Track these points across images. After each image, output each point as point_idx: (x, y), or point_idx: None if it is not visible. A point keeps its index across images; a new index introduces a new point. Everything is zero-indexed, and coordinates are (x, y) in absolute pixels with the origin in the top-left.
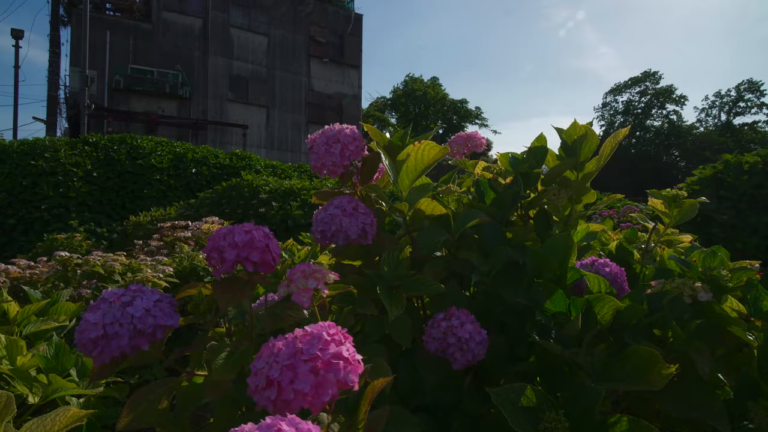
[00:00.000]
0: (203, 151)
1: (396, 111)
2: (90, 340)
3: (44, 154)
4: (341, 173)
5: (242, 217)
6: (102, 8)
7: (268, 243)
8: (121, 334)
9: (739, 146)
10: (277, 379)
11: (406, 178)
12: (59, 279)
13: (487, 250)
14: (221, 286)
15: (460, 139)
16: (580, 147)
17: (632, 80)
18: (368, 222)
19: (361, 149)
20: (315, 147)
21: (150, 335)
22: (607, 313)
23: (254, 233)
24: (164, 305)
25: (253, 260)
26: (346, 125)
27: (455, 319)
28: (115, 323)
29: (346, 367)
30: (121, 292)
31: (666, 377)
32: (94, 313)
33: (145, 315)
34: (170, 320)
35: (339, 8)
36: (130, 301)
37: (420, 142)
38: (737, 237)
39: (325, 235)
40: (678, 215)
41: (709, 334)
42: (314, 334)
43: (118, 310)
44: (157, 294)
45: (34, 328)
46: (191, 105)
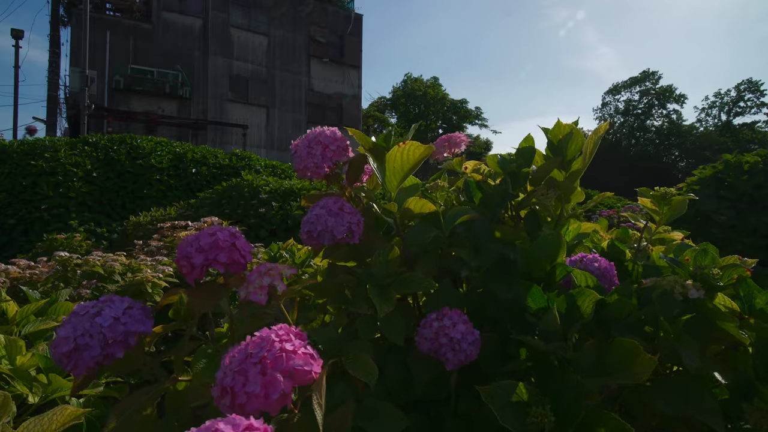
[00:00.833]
0: (203, 151)
1: (396, 111)
2: (63, 355)
3: (44, 154)
4: (325, 175)
5: (242, 217)
6: (102, 8)
7: (234, 242)
8: (91, 345)
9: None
10: (230, 385)
11: (394, 178)
12: (59, 279)
13: (478, 246)
14: (195, 292)
15: (442, 141)
16: (566, 146)
17: (631, 80)
18: (354, 221)
19: (343, 149)
20: (298, 151)
21: (122, 343)
22: (588, 306)
23: (219, 234)
24: (135, 312)
25: (221, 261)
26: (328, 127)
27: (447, 320)
28: (85, 335)
29: (290, 356)
30: (92, 304)
31: (648, 368)
32: (64, 327)
33: (114, 323)
34: (142, 326)
35: (339, 8)
36: (99, 312)
37: (405, 143)
38: (737, 237)
39: (312, 236)
40: (668, 212)
41: (700, 331)
42: (263, 338)
43: (87, 321)
44: (127, 302)
45: (33, 327)
46: (191, 105)
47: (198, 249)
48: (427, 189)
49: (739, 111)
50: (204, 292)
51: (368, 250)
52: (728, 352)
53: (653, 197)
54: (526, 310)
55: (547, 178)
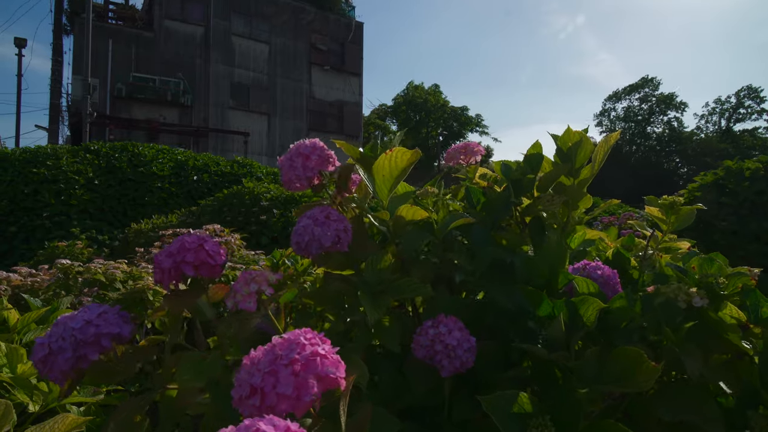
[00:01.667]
0: (204, 158)
1: (397, 118)
2: (39, 360)
3: (46, 162)
4: (309, 185)
5: (243, 225)
6: (105, 17)
7: (201, 243)
8: (64, 348)
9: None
10: (259, 385)
11: (384, 186)
12: (60, 287)
13: (474, 250)
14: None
15: (458, 149)
16: (575, 153)
17: (631, 87)
18: (341, 228)
19: (324, 159)
20: (282, 165)
21: (94, 344)
22: (591, 314)
23: (185, 238)
24: (110, 316)
25: (188, 261)
26: (309, 140)
27: (443, 327)
28: (59, 339)
29: (324, 361)
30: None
31: (652, 376)
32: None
33: (86, 326)
34: (116, 329)
35: (340, 16)
36: (73, 317)
37: (391, 150)
38: (740, 244)
39: (300, 246)
40: (675, 222)
41: (704, 340)
42: (292, 340)
43: (62, 327)
44: (104, 307)
45: (34, 335)
46: (193, 112)
47: (167, 254)
48: (418, 196)
49: (740, 117)
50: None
51: (363, 257)
52: (733, 362)
53: (661, 206)
54: (527, 318)
55: (555, 185)
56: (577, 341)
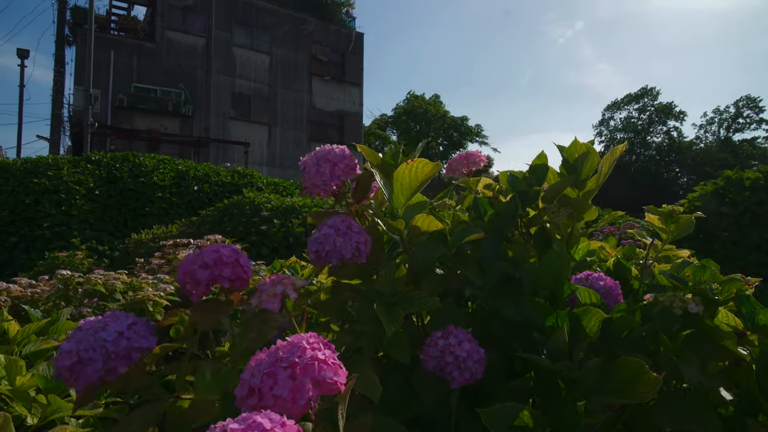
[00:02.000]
0: (205, 168)
1: (397, 128)
2: (65, 368)
3: (47, 172)
4: (334, 192)
5: (244, 235)
6: (107, 28)
7: (237, 258)
8: (95, 359)
9: (739, 162)
10: (258, 386)
11: (401, 195)
12: (60, 298)
13: (483, 264)
14: (198, 308)
15: (460, 158)
16: (582, 165)
17: (630, 96)
18: (362, 241)
19: (352, 168)
20: (306, 168)
21: (125, 358)
22: (594, 325)
23: (222, 251)
24: (139, 328)
25: (225, 276)
26: (336, 145)
27: (453, 338)
28: (89, 349)
29: (322, 366)
30: (97, 320)
31: (653, 387)
32: (68, 342)
33: (118, 338)
34: (146, 342)
35: (340, 27)
36: (104, 327)
37: (413, 160)
38: (740, 254)
39: (320, 255)
40: (675, 231)
41: (701, 347)
42: (294, 344)
43: (91, 335)
44: (132, 318)
45: (33, 347)
46: (194, 123)
47: (202, 265)
48: (435, 207)
49: (739, 127)
50: (206, 308)
51: (373, 267)
52: (732, 369)
53: (661, 215)
54: (532, 329)
55: (560, 196)
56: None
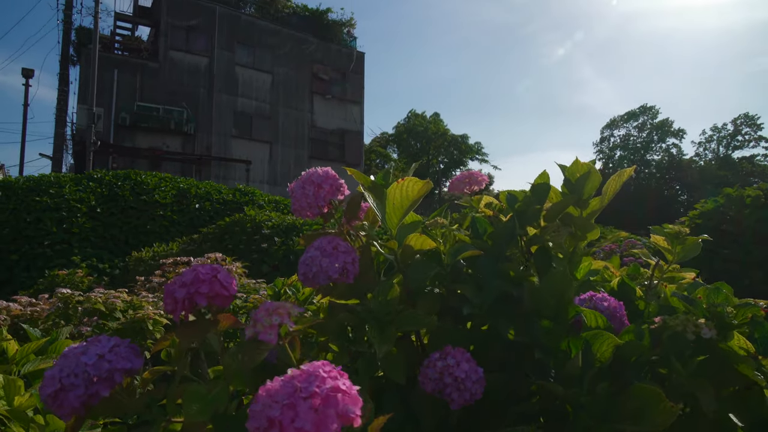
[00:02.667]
0: (206, 186)
1: (398, 146)
2: (49, 396)
3: (49, 190)
4: (321, 213)
5: (245, 253)
6: (111, 48)
7: (215, 275)
8: (76, 384)
9: (739, 179)
10: (278, 418)
11: (394, 215)
12: (60, 316)
13: (480, 283)
14: (181, 327)
15: (463, 178)
16: (583, 185)
17: (629, 114)
18: (349, 260)
19: (337, 188)
20: (293, 192)
21: (107, 380)
22: (606, 351)
23: (199, 269)
24: (121, 350)
25: (202, 292)
26: (321, 168)
27: (451, 359)
28: (71, 375)
29: (344, 399)
30: (80, 345)
31: (671, 417)
32: (52, 369)
33: (99, 361)
34: (128, 363)
35: (341, 47)
36: (85, 351)
37: (403, 179)
38: (743, 272)
39: (307, 277)
40: (681, 252)
41: (714, 372)
42: (310, 372)
43: (72, 361)
44: (114, 340)
45: (32, 367)
46: (195, 141)
47: (181, 284)
48: (428, 226)
49: (738, 145)
50: (190, 327)
51: (369, 287)
52: (742, 393)
53: (667, 236)
54: (535, 349)
55: (562, 215)
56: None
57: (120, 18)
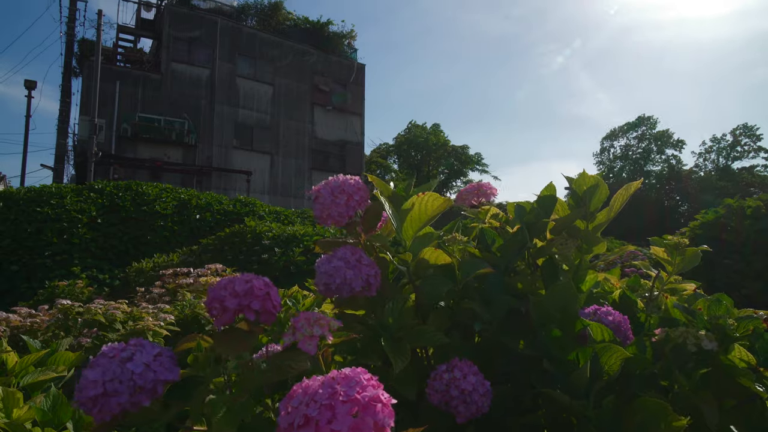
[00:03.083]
0: (207, 197)
1: (398, 157)
2: (89, 399)
3: (50, 201)
4: (346, 223)
5: (245, 264)
6: (113, 60)
7: (268, 291)
8: (120, 391)
9: (739, 190)
10: (315, 417)
11: (410, 228)
12: (60, 328)
13: (490, 298)
14: (222, 337)
15: (472, 189)
16: (590, 197)
17: (628, 125)
18: (372, 273)
19: (365, 199)
20: (320, 197)
21: (150, 391)
22: (615, 364)
23: (254, 282)
24: (164, 359)
25: (254, 308)
26: (350, 176)
27: (458, 371)
28: (115, 380)
29: (384, 410)
30: (121, 346)
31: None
32: (93, 370)
33: (146, 370)
34: (171, 375)
35: (342, 58)
36: (130, 357)
37: (424, 194)
38: (743, 282)
39: (329, 288)
40: (681, 263)
41: (716, 384)
42: (351, 377)
43: (117, 366)
44: (157, 348)
45: (31, 379)
46: (196, 152)
47: (233, 293)
48: (444, 242)
49: (737, 156)
50: (232, 338)
51: (380, 299)
52: (743, 406)
53: (666, 247)
54: (543, 362)
55: (569, 228)
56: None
57: (123, 30)
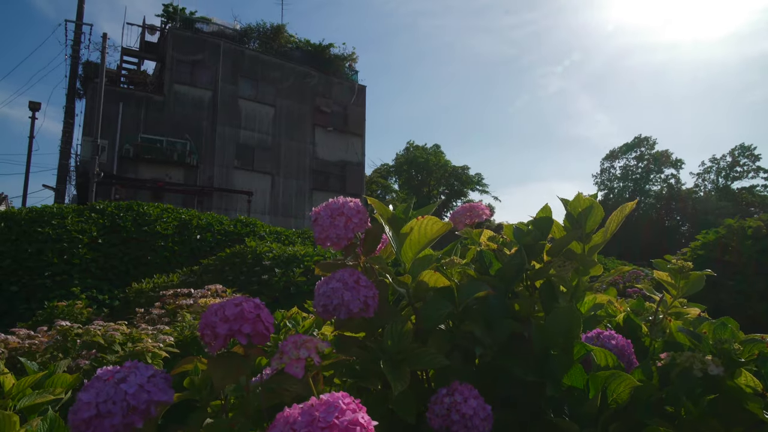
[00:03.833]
0: (208, 217)
1: (399, 177)
2: (83, 421)
3: (51, 221)
4: (345, 245)
5: (245, 284)
6: (117, 81)
7: (259, 313)
8: (114, 412)
9: (739, 210)
10: None
11: (410, 250)
12: (58, 349)
13: (491, 322)
14: (217, 363)
15: (464, 210)
16: (586, 219)
17: (627, 146)
18: (370, 295)
19: (365, 221)
20: (319, 219)
21: (144, 412)
22: (623, 392)
23: (244, 305)
24: (158, 380)
25: (245, 332)
26: (350, 198)
27: (458, 395)
28: (108, 401)
29: None
30: (116, 369)
31: None
32: (87, 392)
33: (139, 391)
34: (165, 396)
35: (343, 80)
36: (124, 378)
37: (423, 217)
38: (747, 303)
39: (327, 309)
40: (685, 287)
41: (724, 411)
42: (330, 403)
43: (111, 387)
44: (152, 369)
45: (28, 401)
46: (198, 172)
47: (223, 319)
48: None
49: (736, 176)
50: (227, 363)
51: (379, 322)
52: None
53: (670, 271)
54: (547, 388)
55: (565, 250)
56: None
57: (127, 53)
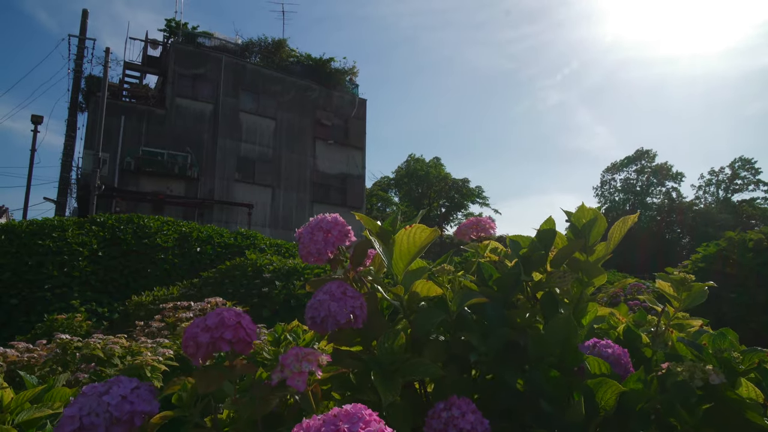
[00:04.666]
0: (208, 230)
1: (399, 190)
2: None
3: (52, 234)
4: (328, 259)
5: (245, 297)
6: (119, 95)
7: (239, 320)
8: (97, 424)
9: (740, 222)
10: None
11: (401, 261)
12: (58, 363)
13: (488, 330)
14: (201, 374)
15: (470, 224)
16: (589, 231)
17: (628, 159)
18: (357, 305)
19: (344, 234)
20: (301, 238)
21: (127, 422)
22: (610, 398)
23: (225, 314)
24: (142, 392)
25: (226, 338)
26: (329, 213)
27: (456, 409)
28: (92, 414)
29: None
30: (100, 384)
31: None
32: (71, 407)
33: (122, 402)
34: (148, 406)
35: (344, 93)
36: (107, 390)
37: (411, 226)
38: (749, 316)
39: (315, 322)
40: (687, 299)
41: (722, 420)
42: (352, 413)
43: (94, 400)
44: (135, 382)
45: (27, 416)
46: (199, 185)
47: (204, 328)
48: (434, 273)
49: (737, 188)
50: (209, 374)
51: (374, 334)
52: None
53: (672, 282)
54: (541, 399)
55: (569, 261)
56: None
57: (129, 67)
